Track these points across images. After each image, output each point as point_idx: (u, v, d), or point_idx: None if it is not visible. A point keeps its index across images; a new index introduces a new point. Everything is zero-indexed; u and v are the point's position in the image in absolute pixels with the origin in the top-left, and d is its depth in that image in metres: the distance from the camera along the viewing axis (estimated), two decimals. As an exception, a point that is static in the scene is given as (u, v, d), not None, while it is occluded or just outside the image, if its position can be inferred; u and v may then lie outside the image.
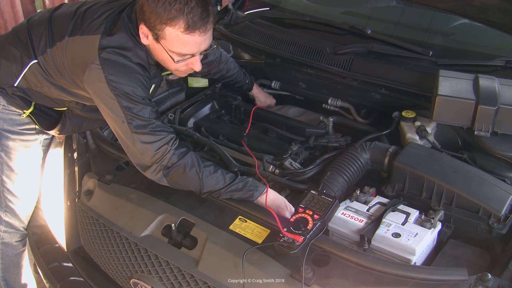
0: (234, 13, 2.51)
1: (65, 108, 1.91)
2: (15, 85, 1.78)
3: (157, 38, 1.55)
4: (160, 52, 1.59)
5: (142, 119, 1.56)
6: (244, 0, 2.64)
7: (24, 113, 1.87)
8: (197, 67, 1.64)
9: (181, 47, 1.56)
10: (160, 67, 1.72)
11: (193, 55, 1.60)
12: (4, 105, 1.83)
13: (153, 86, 1.75)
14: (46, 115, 1.92)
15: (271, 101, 2.27)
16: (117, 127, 1.61)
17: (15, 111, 1.86)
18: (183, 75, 1.77)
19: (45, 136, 2.00)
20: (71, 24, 1.68)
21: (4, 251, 2.03)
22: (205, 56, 1.89)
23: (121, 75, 1.56)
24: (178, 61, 1.59)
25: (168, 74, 2.22)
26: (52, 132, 1.96)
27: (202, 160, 1.61)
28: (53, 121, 1.94)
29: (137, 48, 1.62)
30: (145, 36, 1.58)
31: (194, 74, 2.21)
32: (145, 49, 1.63)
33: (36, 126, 1.93)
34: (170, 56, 1.58)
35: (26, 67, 1.74)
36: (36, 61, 1.73)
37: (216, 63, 2.09)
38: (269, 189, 1.60)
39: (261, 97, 2.24)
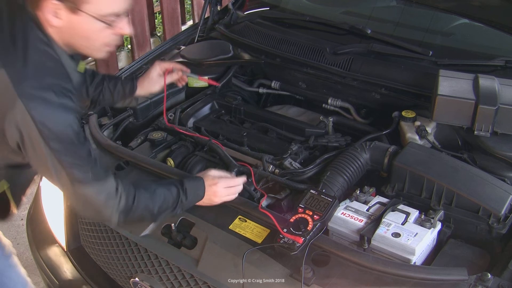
0: (234, 13, 2.51)
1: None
2: None
3: (75, 7, 1.24)
4: (80, 27, 1.29)
5: (81, 166, 1.29)
6: (244, 0, 2.64)
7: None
8: (128, 28, 1.37)
9: (112, 4, 1.29)
10: (75, 57, 1.44)
11: (119, 15, 1.32)
12: None
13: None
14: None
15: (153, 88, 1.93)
16: (53, 180, 1.33)
17: None
18: (105, 55, 1.42)
19: None
20: None
21: None
22: None
23: (50, 112, 1.23)
24: (111, 24, 1.31)
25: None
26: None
27: (137, 186, 1.42)
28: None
29: (55, 57, 1.29)
30: (54, 15, 1.26)
31: None
32: (57, 46, 1.32)
33: None
34: (103, 22, 1.29)
35: None
36: None
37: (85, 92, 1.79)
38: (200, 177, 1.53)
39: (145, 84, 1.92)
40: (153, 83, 1.91)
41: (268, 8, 2.53)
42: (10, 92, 1.20)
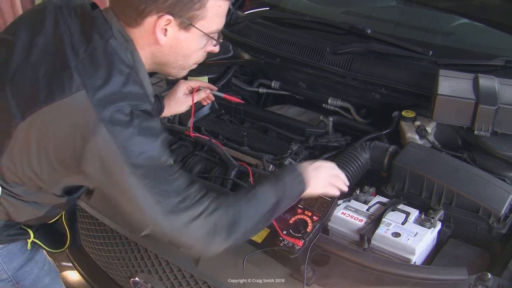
0: (234, 13, 2.51)
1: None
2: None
3: (189, 23, 1.16)
4: (186, 45, 1.21)
5: (176, 191, 1.15)
6: (244, 0, 2.64)
7: (28, 241, 1.47)
8: (218, 46, 1.32)
9: (220, 20, 1.22)
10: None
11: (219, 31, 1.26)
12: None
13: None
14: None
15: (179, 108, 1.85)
16: (142, 216, 1.15)
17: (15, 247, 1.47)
18: (184, 74, 1.35)
19: None
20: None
21: None
22: None
23: (136, 137, 1.11)
24: (216, 40, 1.25)
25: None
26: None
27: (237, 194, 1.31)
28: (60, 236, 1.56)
29: (137, 82, 1.16)
30: (163, 32, 1.17)
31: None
32: (142, 67, 1.21)
33: None
34: (210, 38, 1.23)
35: None
36: None
37: None
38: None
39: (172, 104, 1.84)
40: (180, 103, 1.80)
41: (268, 8, 2.53)
42: (91, 116, 1.07)
